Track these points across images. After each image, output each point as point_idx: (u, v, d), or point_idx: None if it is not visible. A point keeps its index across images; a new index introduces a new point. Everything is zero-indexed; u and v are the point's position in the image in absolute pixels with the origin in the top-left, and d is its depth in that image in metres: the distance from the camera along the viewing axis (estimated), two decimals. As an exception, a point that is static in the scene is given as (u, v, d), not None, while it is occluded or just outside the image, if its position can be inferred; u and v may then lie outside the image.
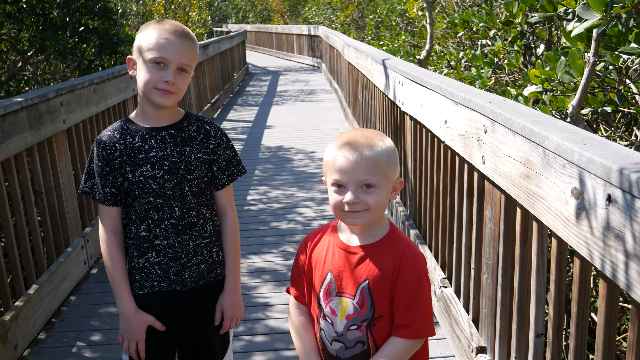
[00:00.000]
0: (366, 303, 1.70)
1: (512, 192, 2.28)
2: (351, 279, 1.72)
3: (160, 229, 2.07)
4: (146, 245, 2.09)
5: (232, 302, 2.19)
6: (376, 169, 1.64)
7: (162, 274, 2.10)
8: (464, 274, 3.04)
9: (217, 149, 2.15)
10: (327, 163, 1.70)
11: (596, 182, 1.65)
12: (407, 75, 4.04)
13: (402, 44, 8.55)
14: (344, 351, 1.74)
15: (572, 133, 1.92)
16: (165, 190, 2.06)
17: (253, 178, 6.80)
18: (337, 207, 1.68)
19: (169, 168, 2.05)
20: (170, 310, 2.14)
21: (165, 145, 2.06)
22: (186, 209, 2.09)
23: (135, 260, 2.11)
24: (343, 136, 1.71)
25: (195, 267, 2.13)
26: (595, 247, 1.69)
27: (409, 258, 1.70)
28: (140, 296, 2.12)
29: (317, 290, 1.78)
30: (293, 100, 12.75)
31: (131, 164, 2.04)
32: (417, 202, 4.14)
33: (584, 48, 2.92)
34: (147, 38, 2.00)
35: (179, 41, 2.01)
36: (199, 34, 17.50)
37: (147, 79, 1.99)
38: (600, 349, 1.77)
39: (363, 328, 1.72)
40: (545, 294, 2.22)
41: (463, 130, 2.83)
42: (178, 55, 2.00)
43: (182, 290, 2.12)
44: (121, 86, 5.45)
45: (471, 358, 2.79)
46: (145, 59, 1.99)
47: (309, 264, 1.82)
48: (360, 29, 16.32)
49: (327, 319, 1.76)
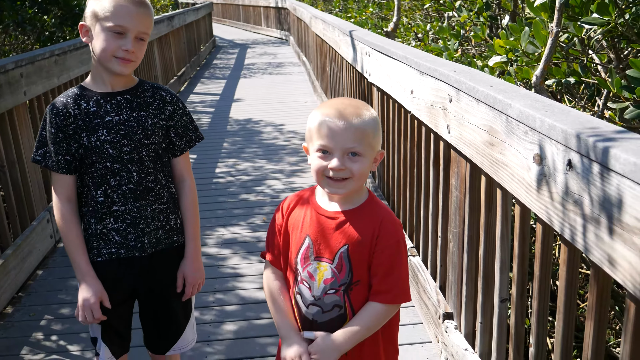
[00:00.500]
0: (344, 268, 1.72)
1: (477, 160, 2.31)
2: (330, 243, 1.73)
3: (118, 195, 2.07)
4: (104, 211, 2.07)
5: (194, 268, 2.20)
6: (363, 138, 1.66)
7: (120, 240, 2.10)
8: (431, 242, 3.09)
9: (174, 115, 2.16)
10: (312, 129, 1.70)
11: (557, 147, 1.68)
12: (374, 47, 4.04)
13: (369, 16, 8.53)
14: (321, 315, 1.76)
15: (535, 100, 1.95)
16: (123, 154, 2.04)
17: (221, 151, 6.77)
18: (320, 172, 1.69)
19: (126, 132, 2.04)
20: (128, 277, 2.14)
21: (121, 110, 2.05)
22: (144, 174, 2.09)
23: (92, 227, 2.09)
24: (330, 103, 1.72)
25: (154, 232, 2.13)
26: (555, 212, 1.72)
27: (388, 225, 1.72)
28: (98, 263, 2.10)
29: (295, 255, 1.79)
30: (261, 73, 12.66)
31: (86, 129, 2.02)
32: (385, 172, 4.17)
33: (547, 19, 2.94)
34: (104, 5, 1.96)
35: (138, 9, 1.99)
36: (164, 5, 17.22)
37: (105, 47, 1.97)
38: (562, 312, 1.82)
39: (341, 292, 1.74)
40: (509, 260, 2.26)
41: (429, 100, 2.85)
42: (137, 23, 1.98)
43: (142, 256, 2.12)
44: (84, 58, 5.36)
45: (438, 324, 2.85)
46: (103, 27, 1.96)
47: (286, 228, 1.83)
48: (328, 1, 16.19)
49: (305, 283, 1.77)
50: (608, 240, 1.47)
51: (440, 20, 5.74)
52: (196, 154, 6.69)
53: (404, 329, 3.14)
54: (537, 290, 1.98)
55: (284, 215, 1.84)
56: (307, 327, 1.79)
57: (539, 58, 2.93)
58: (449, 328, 2.72)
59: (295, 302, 1.81)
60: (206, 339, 3.16)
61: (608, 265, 1.48)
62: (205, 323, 3.30)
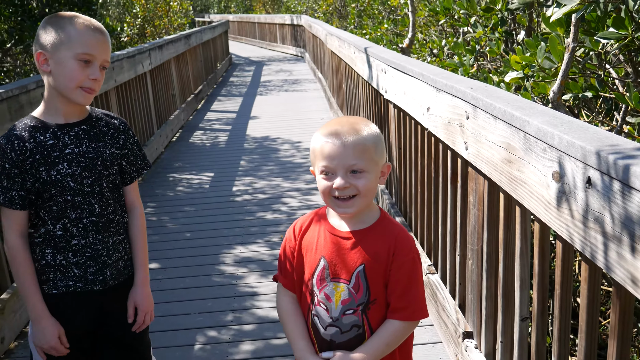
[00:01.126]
0: (362, 287, 1.72)
1: (495, 177, 2.29)
2: (346, 264, 1.73)
3: (78, 228, 2.00)
4: (62, 245, 2.00)
5: (144, 295, 2.15)
6: (363, 154, 1.66)
7: (79, 273, 2.03)
8: (449, 260, 3.06)
9: (127, 144, 2.12)
10: (314, 151, 1.72)
11: (576, 165, 1.66)
12: (390, 63, 4.04)
13: (384, 32, 8.55)
14: (339, 335, 1.75)
15: (552, 117, 1.93)
16: (84, 187, 1.99)
17: (238, 169, 6.79)
18: (327, 193, 1.69)
19: (87, 164, 1.99)
20: (84, 311, 2.07)
21: (80, 142, 2.00)
22: (105, 205, 2.05)
23: (47, 258, 2.01)
24: (329, 124, 1.73)
25: (115, 263, 2.10)
26: (575, 230, 1.70)
27: (403, 242, 1.73)
28: (54, 295, 2.03)
29: (309, 277, 1.78)
30: (277, 90, 12.72)
31: (45, 163, 1.95)
32: (402, 189, 4.16)
33: (563, 34, 2.93)
34: (68, 32, 1.90)
35: (103, 37, 1.95)
36: (181, 24, 17.37)
37: (73, 76, 1.91)
38: (584, 330, 1.79)
39: (359, 312, 1.73)
40: (529, 278, 2.23)
41: (446, 116, 2.84)
42: (102, 52, 1.94)
43: (101, 289, 2.06)
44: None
45: (458, 343, 2.82)
46: (69, 55, 1.90)
47: (299, 250, 1.82)
48: (343, 18, 16.28)
49: (322, 304, 1.76)
50: (630, 258, 1.45)
51: (455, 35, 5.74)
52: (214, 172, 6.72)
53: (423, 348, 3.11)
54: (558, 308, 1.95)
55: (297, 237, 1.84)
56: (326, 348, 1.78)
57: (555, 73, 2.92)
58: (469, 347, 2.69)
59: (313, 324, 1.80)
60: (225, 358, 3.15)
61: (631, 284, 1.46)
62: (223, 342, 3.29)
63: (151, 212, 5.53)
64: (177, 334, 3.40)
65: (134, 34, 14.83)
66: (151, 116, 7.44)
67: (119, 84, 6.07)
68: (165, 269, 4.29)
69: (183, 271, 4.23)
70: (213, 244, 4.68)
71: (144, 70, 7.15)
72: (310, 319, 1.81)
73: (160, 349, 3.23)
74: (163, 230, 5.04)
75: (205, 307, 3.70)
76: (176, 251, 4.59)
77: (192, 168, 6.98)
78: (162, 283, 4.06)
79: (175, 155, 7.62)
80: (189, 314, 3.62)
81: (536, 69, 2.97)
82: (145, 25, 15.36)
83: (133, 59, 6.66)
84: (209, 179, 6.52)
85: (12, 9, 7.23)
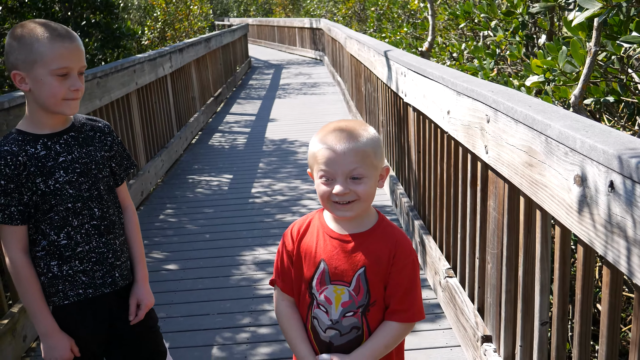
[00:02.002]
0: (362, 289, 1.72)
1: (516, 180, 2.28)
2: (346, 266, 1.73)
3: (81, 234, 2.01)
4: (68, 254, 2.00)
5: (145, 291, 2.17)
6: (363, 159, 1.65)
7: (87, 280, 2.03)
8: (468, 263, 3.05)
9: (113, 145, 2.13)
10: (313, 155, 1.71)
11: (598, 169, 1.65)
12: (410, 67, 4.04)
13: (404, 36, 8.54)
14: (338, 338, 1.76)
15: (574, 121, 1.92)
16: (82, 192, 2.00)
17: (257, 171, 6.82)
18: (326, 198, 1.69)
19: (82, 170, 2.00)
20: (97, 317, 2.08)
21: (71, 148, 2.00)
22: (105, 208, 2.06)
23: (53, 270, 2.00)
24: (327, 127, 1.72)
25: (124, 264, 2.11)
26: (597, 234, 1.69)
27: (403, 245, 1.73)
28: (66, 306, 2.03)
29: (309, 280, 1.78)
30: (296, 93, 12.75)
31: (41, 174, 1.94)
32: (421, 193, 4.15)
33: (585, 38, 2.92)
34: (39, 49, 1.86)
35: (74, 44, 1.91)
36: (201, 27, 17.46)
37: (54, 93, 1.88)
38: (605, 335, 1.78)
39: (359, 314, 1.74)
40: (549, 282, 2.22)
41: (466, 120, 2.83)
42: (77, 60, 1.92)
43: (112, 291, 2.08)
44: (124, 80, 5.47)
45: (477, 347, 2.81)
46: (46, 72, 1.87)
47: (298, 254, 1.82)
48: (362, 22, 16.28)
49: (322, 307, 1.76)
50: (653, 263, 1.44)
51: (475, 39, 5.73)
52: (232, 174, 6.75)
53: (441, 351, 3.10)
54: (578, 313, 1.94)
55: (295, 240, 1.83)
56: (325, 351, 1.79)
57: (577, 77, 2.90)
58: (488, 351, 2.68)
59: (312, 327, 1.81)
60: (244, 359, 3.17)
61: (653, 289, 1.45)
62: (241, 344, 3.31)
63: (171, 213, 5.57)
64: (197, 334, 3.42)
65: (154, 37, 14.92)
66: (171, 118, 7.49)
67: (140, 87, 6.12)
68: (184, 269, 4.31)
69: (202, 272, 4.25)
70: (232, 245, 4.70)
71: (165, 73, 7.20)
72: (309, 321, 1.81)
73: (180, 349, 3.26)
74: (182, 232, 5.07)
75: (224, 308, 3.72)
76: (195, 252, 4.62)
77: (212, 170, 7.02)
78: (182, 283, 4.08)
79: (194, 157, 7.67)
80: (208, 314, 3.64)
81: (557, 73, 2.96)
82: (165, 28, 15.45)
83: (154, 62, 6.71)
84: (228, 180, 6.55)
85: (35, 12, 7.32)
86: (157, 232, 5.05)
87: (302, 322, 1.83)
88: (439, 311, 3.48)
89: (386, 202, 5.40)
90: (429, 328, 3.32)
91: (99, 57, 7.72)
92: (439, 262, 3.50)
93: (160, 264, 4.42)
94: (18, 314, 3.18)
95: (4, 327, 3.05)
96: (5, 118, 3.26)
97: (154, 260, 4.47)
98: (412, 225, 4.22)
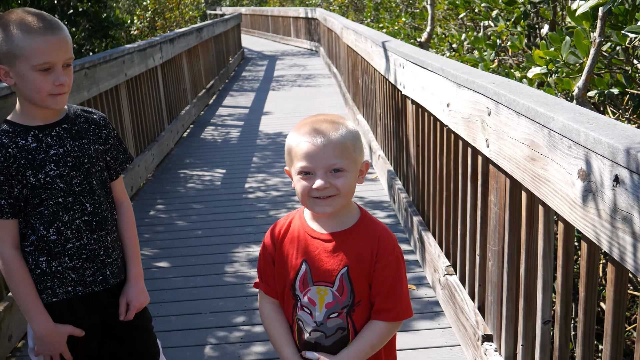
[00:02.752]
0: (346, 290, 1.70)
1: (517, 175, 2.24)
2: (328, 267, 1.70)
3: (72, 230, 1.95)
4: (57, 250, 1.95)
5: (137, 291, 2.10)
6: (344, 152, 1.63)
7: (77, 277, 1.98)
8: (468, 260, 2.99)
9: (109, 138, 2.07)
10: (291, 151, 1.69)
11: (603, 162, 1.62)
12: (408, 58, 3.96)
13: (402, 26, 8.44)
14: (324, 339, 1.74)
15: (578, 113, 1.89)
16: (74, 187, 1.94)
17: (251, 166, 6.73)
18: (306, 194, 1.66)
19: (74, 164, 1.94)
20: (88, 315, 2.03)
21: (63, 141, 1.94)
22: (97, 203, 2.00)
23: (42, 266, 1.95)
24: (305, 122, 1.69)
25: (115, 262, 2.05)
26: (602, 230, 1.66)
27: (386, 242, 1.71)
28: (54, 304, 1.97)
29: (292, 282, 1.75)
30: (290, 85, 12.65)
31: (31, 167, 1.89)
32: (420, 188, 4.07)
33: (589, 28, 2.84)
34: (18, 43, 1.79)
35: (56, 37, 1.83)
36: (192, 16, 17.29)
37: (38, 88, 1.83)
38: (609, 335, 1.74)
39: (343, 315, 1.72)
40: (552, 280, 2.19)
41: (466, 113, 2.76)
42: (61, 53, 1.84)
43: (102, 290, 2.02)
44: (113, 71, 5.36)
45: (477, 347, 2.74)
46: (27, 67, 1.80)
47: (280, 255, 1.79)
48: (359, 11, 16.15)
49: (305, 309, 1.74)
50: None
51: (476, 30, 5.64)
52: (225, 169, 6.66)
53: (441, 351, 3.03)
54: (582, 311, 1.90)
55: (276, 242, 1.80)
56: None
57: (580, 69, 2.83)
58: (489, 350, 2.62)
59: (298, 329, 1.78)
60: (238, 359, 3.09)
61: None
62: (234, 343, 3.23)
63: (161, 208, 5.48)
64: (189, 334, 3.34)
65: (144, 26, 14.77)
66: (162, 111, 7.39)
67: (130, 78, 6.00)
68: (176, 267, 4.23)
69: (194, 270, 4.16)
70: (225, 242, 4.61)
71: (155, 64, 7.09)
72: (295, 323, 1.78)
73: (171, 348, 3.17)
74: (173, 228, 4.98)
75: (217, 306, 3.63)
76: (187, 249, 4.53)
77: (204, 164, 6.91)
78: (173, 281, 4.00)
79: (186, 151, 7.57)
80: (200, 313, 3.56)
81: (560, 64, 2.88)
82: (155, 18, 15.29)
83: (144, 53, 6.60)
84: (220, 175, 6.46)
85: (20, 0, 7.19)
86: (147, 229, 4.96)
87: (287, 324, 1.81)
88: (438, 309, 3.40)
89: (384, 197, 5.31)
90: (427, 327, 3.24)
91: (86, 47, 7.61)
92: (438, 260, 3.42)
93: (150, 261, 4.33)
94: (3, 312, 3.10)
95: (-12, 327, 2.97)
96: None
97: (144, 257, 4.38)
98: (411, 221, 4.14)
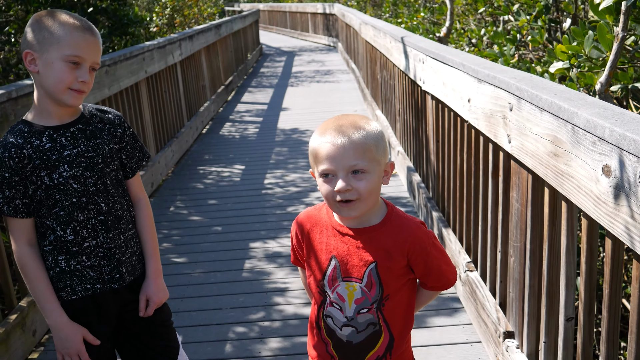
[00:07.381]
0: (374, 285, 1.70)
1: (540, 171, 2.22)
2: (357, 262, 1.70)
3: (88, 229, 1.97)
4: (75, 249, 1.97)
5: (156, 288, 2.11)
6: (364, 153, 1.62)
7: (95, 275, 2.00)
8: (489, 257, 2.97)
9: (124, 137, 2.08)
10: (313, 153, 1.67)
11: (628, 158, 1.60)
12: (428, 53, 3.94)
13: (421, 21, 8.40)
14: (355, 335, 1.74)
15: (603, 109, 1.86)
16: (88, 187, 1.96)
17: (269, 162, 6.73)
18: (330, 198, 1.65)
19: (87, 164, 1.96)
20: (107, 312, 2.05)
21: (78, 142, 1.96)
22: (112, 202, 2.01)
23: (60, 265, 1.98)
24: (327, 123, 1.69)
25: (129, 260, 2.07)
26: (627, 226, 1.64)
27: (417, 233, 1.71)
28: (74, 301, 2.00)
29: (320, 277, 1.75)
30: (309, 81, 12.63)
31: (46, 168, 1.91)
32: (440, 184, 4.06)
33: (612, 21, 2.81)
34: (56, 32, 1.86)
35: (93, 39, 1.91)
36: (211, 13, 17.28)
37: (62, 79, 1.86)
38: (634, 332, 1.72)
39: (373, 310, 1.72)
40: (575, 276, 2.17)
41: (487, 108, 2.74)
42: (93, 54, 1.90)
43: (119, 287, 2.04)
44: (133, 68, 5.39)
45: (499, 343, 2.73)
46: (58, 56, 1.85)
47: (307, 250, 1.79)
48: (377, 6, 16.09)
49: (335, 305, 1.74)
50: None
51: (495, 24, 5.60)
52: (244, 165, 6.67)
53: (462, 347, 3.02)
54: (606, 308, 1.88)
55: (301, 238, 1.81)
56: (342, 348, 1.76)
57: (603, 63, 2.80)
58: (510, 347, 2.60)
59: (326, 325, 1.77)
60: (255, 354, 3.10)
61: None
62: (254, 338, 3.24)
63: (181, 205, 5.50)
64: (209, 329, 3.36)
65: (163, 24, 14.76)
66: (181, 108, 7.41)
67: (150, 75, 6.03)
68: (196, 262, 4.25)
69: (214, 265, 4.18)
70: (244, 238, 4.62)
71: (175, 61, 7.11)
72: (322, 320, 1.78)
73: (192, 344, 3.19)
74: (193, 224, 5.01)
75: (237, 302, 3.65)
76: (207, 245, 4.55)
77: (222, 160, 6.93)
78: (194, 277, 4.02)
79: (205, 147, 7.59)
80: (221, 309, 3.58)
81: (583, 58, 2.85)
82: (174, 15, 15.26)
83: (163, 50, 6.62)
84: (239, 171, 6.47)
85: None
86: (167, 225, 4.99)
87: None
88: (458, 306, 3.39)
89: (403, 193, 5.30)
90: (448, 323, 3.23)
91: (106, 45, 7.62)
92: (458, 256, 3.41)
93: (171, 257, 4.35)
94: (27, 308, 3.13)
95: (13, 322, 3.01)
96: (13, 108, 3.20)
97: (165, 253, 4.40)
98: (431, 217, 4.12)
